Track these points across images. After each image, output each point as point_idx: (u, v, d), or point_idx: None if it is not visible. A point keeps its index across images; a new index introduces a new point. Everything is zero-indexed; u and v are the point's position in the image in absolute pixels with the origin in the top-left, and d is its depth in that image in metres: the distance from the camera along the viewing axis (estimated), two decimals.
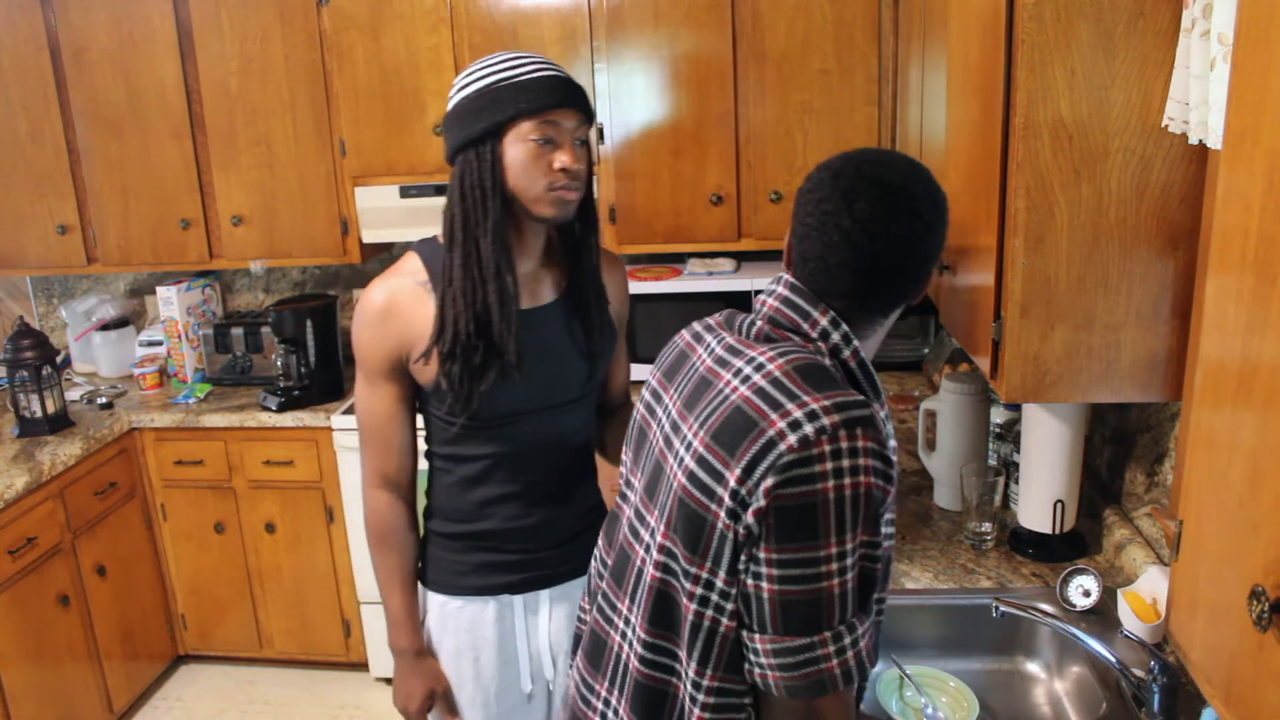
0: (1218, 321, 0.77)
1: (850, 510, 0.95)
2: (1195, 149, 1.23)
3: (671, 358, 1.23)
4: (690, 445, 1.05)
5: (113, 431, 3.04)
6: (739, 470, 0.97)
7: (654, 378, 1.25)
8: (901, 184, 1.06)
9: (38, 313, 3.79)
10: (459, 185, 1.45)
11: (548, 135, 1.42)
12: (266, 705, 3.20)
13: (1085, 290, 1.31)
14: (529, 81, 1.42)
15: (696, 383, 1.11)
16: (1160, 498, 1.72)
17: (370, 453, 1.59)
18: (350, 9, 2.93)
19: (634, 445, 1.25)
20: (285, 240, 3.17)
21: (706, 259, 3.04)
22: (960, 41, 1.66)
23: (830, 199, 1.06)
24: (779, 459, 0.95)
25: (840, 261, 1.06)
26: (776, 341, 1.09)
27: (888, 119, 2.79)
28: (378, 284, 1.53)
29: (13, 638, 2.60)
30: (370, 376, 1.55)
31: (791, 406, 0.97)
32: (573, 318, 1.60)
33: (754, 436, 0.97)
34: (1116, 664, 1.35)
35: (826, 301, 1.09)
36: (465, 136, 1.43)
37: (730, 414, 1.01)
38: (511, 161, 1.43)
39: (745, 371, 1.05)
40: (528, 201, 1.45)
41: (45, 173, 3.22)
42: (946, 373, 2.16)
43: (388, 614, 1.64)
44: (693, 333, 1.24)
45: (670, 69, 2.84)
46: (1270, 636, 0.67)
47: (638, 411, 1.26)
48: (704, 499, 1.00)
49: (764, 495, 0.95)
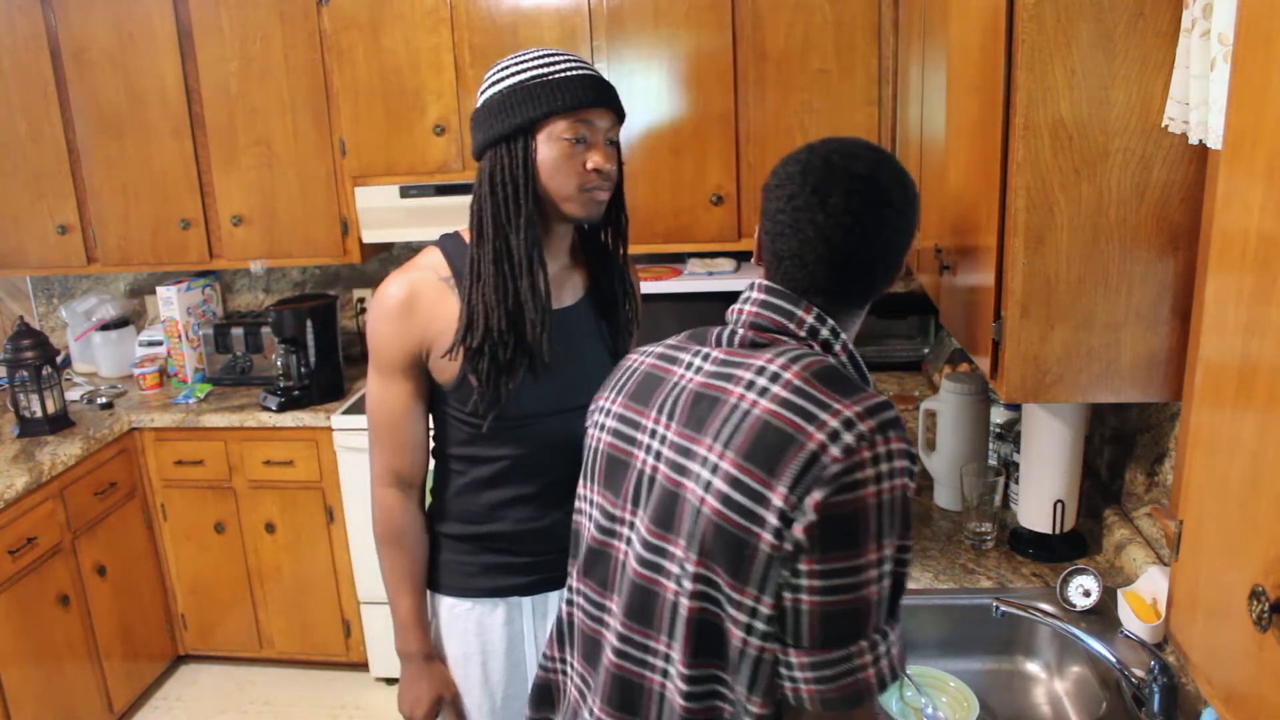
0: (1218, 321, 0.77)
1: (888, 515, 0.95)
2: (1195, 149, 1.23)
3: (634, 381, 1.18)
4: (716, 467, 1.00)
5: (113, 431, 3.04)
6: (783, 488, 0.94)
7: (615, 403, 1.19)
8: (869, 174, 1.06)
9: (38, 313, 3.79)
10: (489, 180, 1.43)
11: (581, 134, 1.41)
12: (266, 705, 3.20)
13: (1085, 290, 1.31)
14: (564, 80, 1.40)
15: (692, 401, 1.07)
16: (1160, 498, 1.72)
17: (382, 450, 1.56)
18: (350, 9, 2.93)
19: (605, 476, 1.17)
20: (285, 240, 3.17)
21: (706, 259, 3.04)
22: (960, 41, 1.66)
23: (801, 195, 1.06)
24: (824, 470, 0.93)
25: (816, 257, 1.06)
26: (768, 346, 1.07)
27: (888, 119, 2.79)
28: (397, 277, 1.49)
29: (13, 638, 2.60)
30: (386, 372, 1.51)
31: (826, 416, 0.95)
32: (599, 318, 1.59)
33: (794, 451, 0.95)
34: (1116, 664, 1.35)
35: (807, 298, 1.08)
36: (498, 132, 1.41)
37: (759, 430, 0.98)
38: (544, 160, 1.41)
39: (759, 383, 1.01)
40: (560, 201, 1.44)
41: (45, 173, 3.22)
42: (946, 373, 2.16)
43: (396, 617, 1.61)
44: (655, 355, 1.19)
45: (670, 69, 2.84)
46: (1270, 636, 0.67)
47: (599, 440, 1.19)
48: (745, 522, 0.97)
49: (813, 509, 0.93)
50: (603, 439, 1.18)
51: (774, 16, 2.76)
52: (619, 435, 1.15)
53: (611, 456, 1.16)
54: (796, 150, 1.12)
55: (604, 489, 1.17)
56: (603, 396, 1.22)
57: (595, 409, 1.23)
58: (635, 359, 1.22)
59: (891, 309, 3.10)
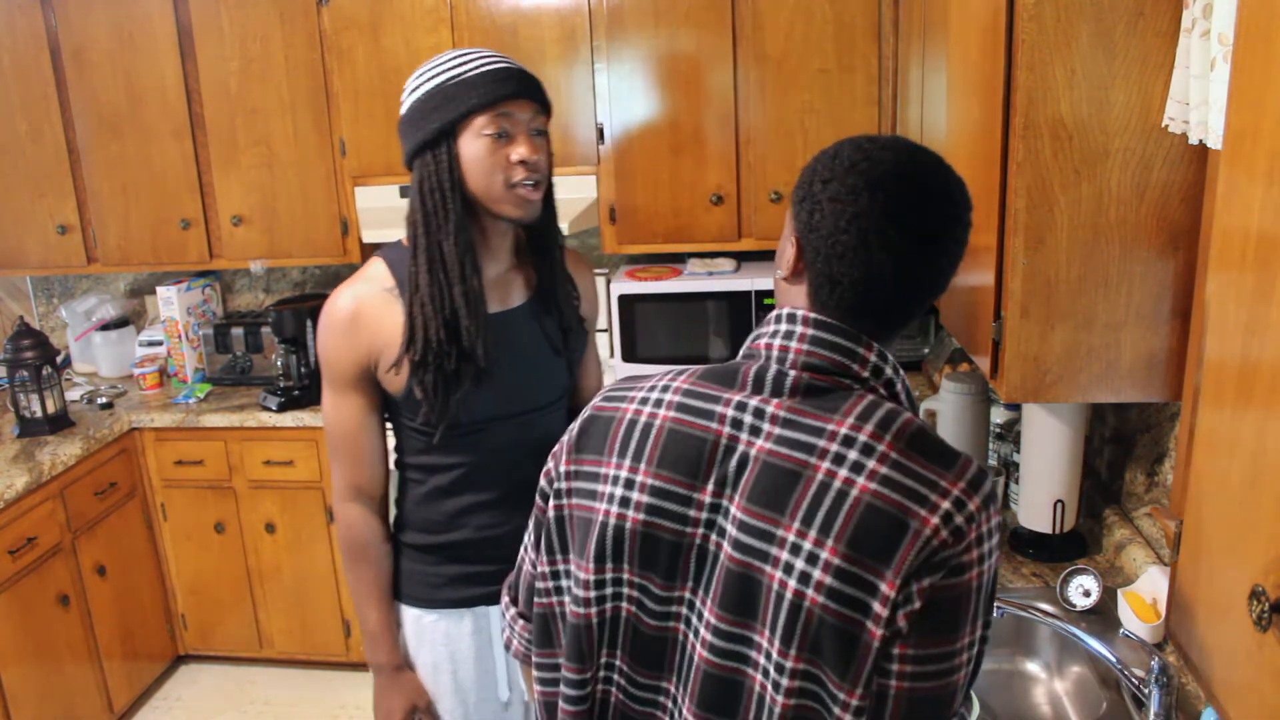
0: (1218, 321, 0.77)
1: (986, 594, 0.91)
2: (1195, 149, 1.23)
3: (659, 445, 0.99)
4: (815, 557, 0.89)
5: (113, 431, 3.04)
6: (897, 578, 0.87)
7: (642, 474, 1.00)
8: (945, 190, 0.96)
9: (38, 313, 3.79)
10: (418, 189, 1.42)
11: (502, 128, 1.40)
12: (266, 705, 3.20)
13: (1085, 290, 1.31)
14: (479, 75, 1.39)
15: (763, 472, 0.94)
16: (1160, 498, 1.71)
17: (341, 466, 1.55)
18: (350, 9, 2.93)
19: (642, 557, 1.00)
20: (285, 240, 3.17)
21: (706, 259, 3.04)
22: (960, 41, 1.66)
23: (871, 213, 0.92)
24: (933, 555, 0.87)
25: (884, 283, 0.94)
26: (831, 393, 0.95)
27: (888, 119, 2.79)
28: (343, 291, 1.48)
29: (13, 638, 2.59)
30: (338, 387, 1.50)
31: (936, 497, 0.88)
32: (545, 318, 1.57)
33: (910, 540, 0.87)
34: (1116, 664, 1.35)
35: (860, 326, 0.97)
36: (420, 139, 1.41)
37: (864, 516, 0.88)
38: (468, 159, 1.40)
39: (851, 456, 0.90)
40: (490, 202, 1.43)
41: (45, 173, 3.22)
42: (946, 373, 2.16)
43: (365, 629, 1.61)
44: (674, 406, 1.01)
45: (670, 69, 2.83)
46: (1270, 636, 0.67)
47: (625, 517, 1.00)
48: (856, 614, 0.88)
49: (919, 595, 0.87)
50: (633, 517, 0.99)
51: (774, 16, 2.76)
52: (658, 513, 0.99)
53: (649, 535, 0.99)
54: (844, 152, 0.96)
55: (643, 570, 1.00)
56: (610, 463, 1.02)
57: (607, 478, 1.02)
58: (638, 411, 1.03)
59: None
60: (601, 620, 1.04)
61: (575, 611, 1.05)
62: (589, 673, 1.06)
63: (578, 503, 1.05)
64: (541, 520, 1.10)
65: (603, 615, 1.04)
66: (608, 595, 1.03)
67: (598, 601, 1.03)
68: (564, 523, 1.07)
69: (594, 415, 1.07)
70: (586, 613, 1.03)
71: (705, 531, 0.97)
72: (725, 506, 0.96)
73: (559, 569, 1.08)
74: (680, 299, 2.91)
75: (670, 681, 1.02)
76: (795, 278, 0.99)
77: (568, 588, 1.07)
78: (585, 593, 1.03)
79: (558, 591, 1.09)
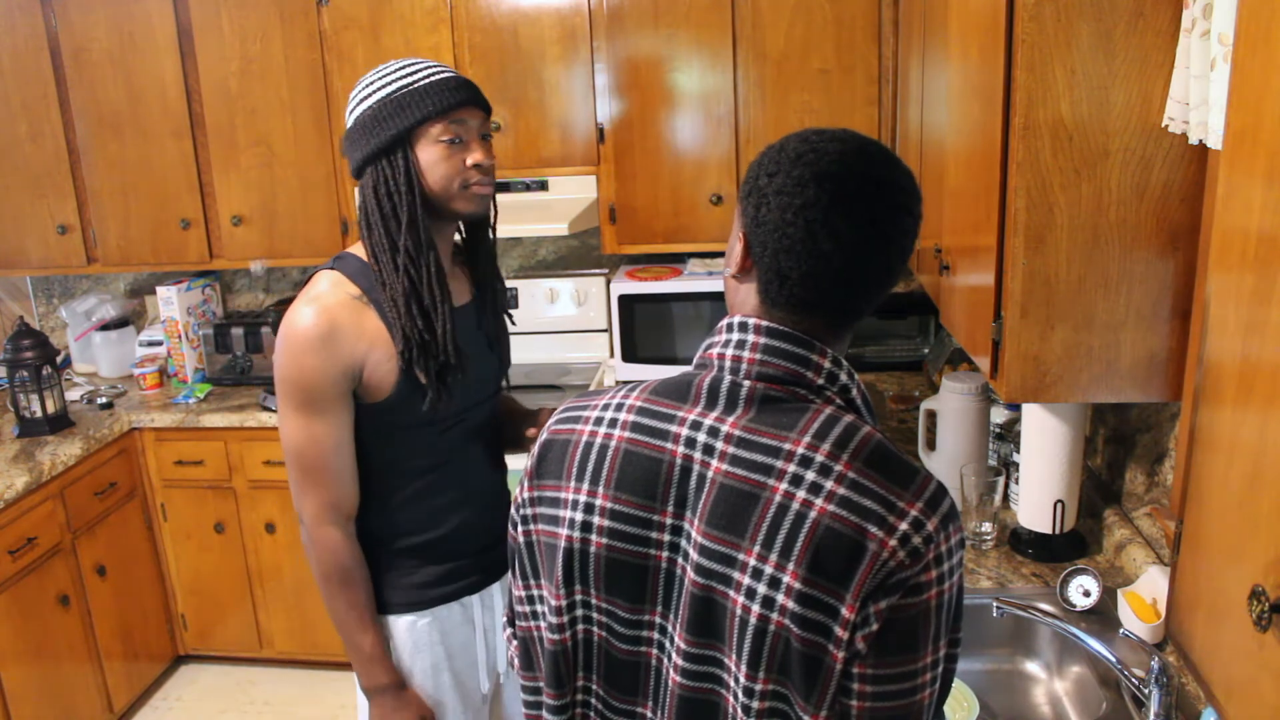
0: (1218, 321, 0.77)
1: (947, 613, 0.90)
2: (1195, 149, 1.23)
3: (616, 467, 0.98)
4: (777, 581, 0.88)
5: (113, 431, 3.04)
6: (856, 600, 0.86)
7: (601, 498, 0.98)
8: (891, 179, 0.94)
9: (38, 313, 3.79)
10: (374, 195, 1.46)
11: (456, 135, 1.46)
12: (266, 705, 3.20)
13: (1085, 290, 1.31)
14: (431, 85, 1.45)
15: (720, 494, 0.92)
16: (1160, 498, 1.71)
17: (317, 489, 1.49)
18: (350, 9, 2.93)
19: (607, 581, 0.99)
20: (285, 240, 3.17)
21: (706, 259, 3.04)
22: (960, 41, 1.66)
23: (818, 205, 0.91)
24: (890, 577, 0.86)
25: (833, 275, 0.92)
26: (785, 403, 0.94)
27: (888, 119, 2.79)
28: (305, 308, 1.44)
29: (13, 638, 2.59)
30: (316, 407, 1.46)
31: (893, 518, 0.87)
32: (483, 313, 1.64)
33: (868, 562, 0.86)
34: (1116, 664, 1.35)
35: (808, 322, 0.96)
36: (375, 146, 1.45)
37: (823, 538, 0.87)
38: (425, 164, 1.46)
39: (808, 477, 0.89)
40: (447, 200, 1.48)
41: (45, 173, 3.22)
42: (946, 373, 2.16)
43: (359, 654, 1.56)
44: (629, 426, 0.99)
45: (670, 69, 2.83)
46: (1270, 636, 0.67)
47: (589, 542, 0.99)
48: (818, 638, 0.88)
49: (876, 617, 0.86)
50: (595, 540, 0.98)
51: (774, 16, 2.76)
52: (620, 536, 0.97)
53: (612, 560, 0.98)
54: (789, 145, 0.96)
55: (609, 594, 0.99)
56: (568, 488, 1.00)
57: (567, 502, 1.00)
58: (594, 433, 1.01)
59: (891, 309, 3.10)
60: (574, 644, 1.03)
61: (550, 638, 1.04)
62: (568, 698, 1.05)
63: (543, 528, 1.03)
64: (514, 547, 1.10)
65: (574, 639, 1.03)
66: (578, 618, 1.02)
67: (569, 625, 1.02)
68: (533, 548, 1.06)
69: (550, 440, 1.05)
70: (562, 638, 1.03)
71: (670, 554, 0.96)
72: (685, 529, 0.95)
73: (534, 594, 1.08)
74: (680, 299, 2.92)
75: (646, 705, 1.02)
76: (744, 275, 0.98)
77: (542, 613, 1.06)
78: (558, 619, 1.02)
79: (534, 616, 1.08)
